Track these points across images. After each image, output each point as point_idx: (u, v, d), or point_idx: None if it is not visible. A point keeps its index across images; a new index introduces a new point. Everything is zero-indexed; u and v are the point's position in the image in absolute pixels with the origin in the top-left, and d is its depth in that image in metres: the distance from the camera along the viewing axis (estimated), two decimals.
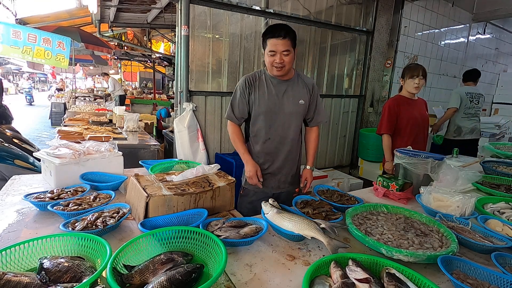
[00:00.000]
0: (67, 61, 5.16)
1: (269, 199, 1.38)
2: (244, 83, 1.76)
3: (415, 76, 2.48)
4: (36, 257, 0.96)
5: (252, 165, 1.72)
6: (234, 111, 1.80)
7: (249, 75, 1.79)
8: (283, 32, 1.59)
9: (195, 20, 3.20)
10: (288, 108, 1.77)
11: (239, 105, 1.78)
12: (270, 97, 1.75)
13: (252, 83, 1.76)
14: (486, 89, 6.46)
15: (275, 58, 1.63)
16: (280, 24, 1.64)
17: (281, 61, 1.63)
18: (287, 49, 1.61)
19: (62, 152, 1.70)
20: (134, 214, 1.37)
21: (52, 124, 9.10)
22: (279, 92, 1.76)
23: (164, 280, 0.84)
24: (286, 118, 1.78)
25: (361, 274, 0.91)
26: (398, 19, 4.46)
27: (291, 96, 1.77)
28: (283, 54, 1.62)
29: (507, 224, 1.34)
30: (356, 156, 4.77)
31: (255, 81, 1.76)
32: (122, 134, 3.64)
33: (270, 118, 1.77)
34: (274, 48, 1.61)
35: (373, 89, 4.70)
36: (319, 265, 0.96)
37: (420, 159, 1.78)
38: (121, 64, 14.38)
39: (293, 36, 1.63)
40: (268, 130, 1.79)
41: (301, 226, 1.14)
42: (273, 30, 1.61)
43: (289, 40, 1.60)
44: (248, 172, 1.73)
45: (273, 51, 1.62)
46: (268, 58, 1.66)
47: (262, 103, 1.75)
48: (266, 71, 1.79)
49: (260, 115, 1.78)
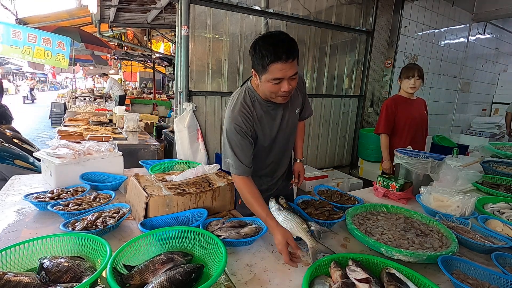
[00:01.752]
0: (67, 61, 5.16)
1: (280, 197, 1.37)
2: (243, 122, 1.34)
3: (411, 77, 2.48)
4: (36, 257, 0.96)
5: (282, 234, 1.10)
6: (243, 159, 1.33)
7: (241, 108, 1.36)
8: (290, 52, 1.16)
9: (195, 20, 3.20)
10: (286, 125, 1.52)
11: (245, 150, 1.35)
12: (270, 126, 1.45)
13: (251, 118, 1.37)
14: (486, 89, 6.46)
15: (281, 87, 1.23)
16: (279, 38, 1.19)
17: (290, 88, 1.23)
18: (295, 73, 1.22)
19: (62, 152, 1.70)
20: (134, 214, 1.37)
21: (52, 124, 9.10)
22: (276, 116, 1.45)
23: (164, 280, 0.84)
24: (286, 136, 1.56)
25: (361, 274, 0.90)
26: (398, 19, 4.46)
27: (288, 112, 1.49)
28: (291, 79, 1.22)
29: (507, 224, 1.34)
30: (356, 156, 4.77)
31: (252, 113, 1.38)
32: (122, 134, 3.64)
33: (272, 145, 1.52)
34: (280, 75, 1.19)
35: (373, 89, 4.70)
36: (319, 265, 0.96)
37: (420, 159, 1.78)
38: (121, 64, 14.37)
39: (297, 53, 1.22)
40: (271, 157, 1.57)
41: (291, 225, 1.15)
42: (276, 50, 1.16)
43: (295, 58, 1.20)
44: (278, 245, 1.10)
45: (279, 78, 1.20)
46: (270, 87, 1.24)
47: (265, 134, 1.45)
48: (256, 94, 1.39)
49: (262, 146, 1.49)
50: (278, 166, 1.68)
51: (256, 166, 1.47)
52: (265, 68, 1.20)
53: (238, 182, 1.34)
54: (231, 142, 1.34)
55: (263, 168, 1.60)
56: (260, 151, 1.50)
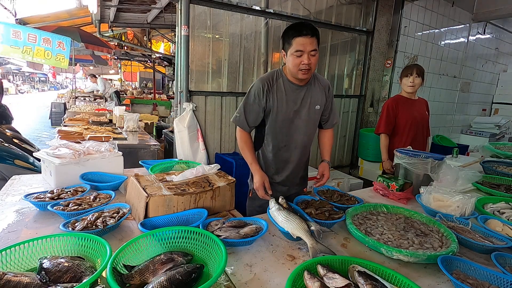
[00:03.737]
0: (67, 61, 5.16)
1: (280, 196, 1.37)
2: (261, 87, 1.58)
3: (409, 75, 2.48)
4: (36, 257, 0.96)
5: (260, 176, 1.56)
6: (247, 117, 1.63)
7: (266, 77, 1.61)
8: (310, 30, 1.44)
9: (195, 20, 3.20)
10: (305, 115, 1.66)
11: (253, 111, 1.62)
12: (288, 105, 1.61)
13: (270, 89, 1.59)
14: (486, 89, 6.46)
15: (302, 59, 1.46)
16: (305, 22, 1.49)
17: (309, 62, 1.47)
18: (314, 49, 1.46)
19: (62, 152, 1.70)
20: (134, 214, 1.37)
21: (52, 124, 9.10)
22: (297, 99, 1.62)
23: (164, 280, 0.84)
24: (302, 125, 1.67)
25: (340, 281, 0.87)
26: (398, 19, 4.46)
27: (308, 103, 1.64)
28: (310, 55, 1.46)
29: (507, 224, 1.34)
30: (356, 156, 4.77)
31: (273, 85, 1.60)
32: (122, 134, 3.64)
33: (287, 126, 1.66)
34: (301, 48, 1.45)
35: (373, 89, 4.70)
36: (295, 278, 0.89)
37: (420, 159, 1.78)
38: (121, 64, 14.38)
39: (318, 34, 1.49)
40: (284, 138, 1.69)
41: (291, 225, 1.15)
42: (300, 27, 1.45)
43: (316, 39, 1.47)
44: (255, 183, 1.57)
45: (300, 51, 1.45)
46: (293, 59, 1.48)
47: (280, 111, 1.62)
48: (283, 74, 1.63)
49: (277, 123, 1.65)
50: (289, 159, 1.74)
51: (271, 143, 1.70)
52: (290, 43, 1.48)
53: (238, 132, 1.68)
54: (245, 100, 1.63)
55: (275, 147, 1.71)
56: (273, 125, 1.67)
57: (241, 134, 1.67)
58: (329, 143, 1.85)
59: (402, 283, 0.89)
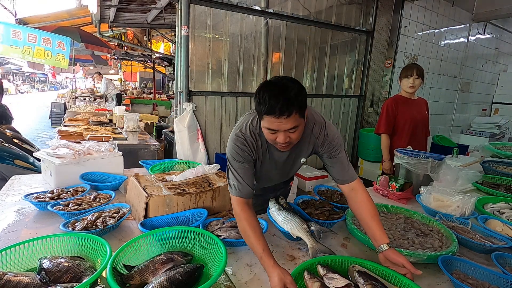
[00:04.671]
0: (67, 61, 5.16)
1: (280, 197, 1.37)
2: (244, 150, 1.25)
3: (409, 76, 2.49)
4: (36, 257, 0.96)
5: (279, 277, 0.93)
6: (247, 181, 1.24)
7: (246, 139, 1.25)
8: (290, 107, 1.04)
9: (195, 20, 3.20)
10: (288, 169, 1.48)
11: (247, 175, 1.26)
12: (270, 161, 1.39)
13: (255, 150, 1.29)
14: (486, 89, 6.46)
15: (276, 137, 1.14)
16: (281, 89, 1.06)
17: (286, 140, 1.13)
18: (294, 126, 1.10)
19: (62, 152, 1.70)
20: (134, 214, 1.37)
21: (52, 124, 9.10)
22: (280, 157, 1.38)
23: (164, 280, 0.84)
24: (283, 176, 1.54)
25: (340, 281, 0.86)
26: (398, 19, 4.46)
27: (292, 158, 1.41)
28: (288, 132, 1.11)
29: (507, 224, 1.34)
30: (356, 156, 4.76)
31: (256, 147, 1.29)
32: (122, 134, 3.63)
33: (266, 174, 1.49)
34: (275, 127, 1.10)
35: (373, 89, 4.70)
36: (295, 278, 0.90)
37: (420, 159, 1.78)
38: (121, 64, 14.37)
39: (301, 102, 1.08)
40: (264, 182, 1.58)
41: (291, 225, 1.15)
42: (270, 103, 1.05)
43: (297, 113, 1.07)
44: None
45: (270, 129, 1.12)
46: (267, 134, 1.16)
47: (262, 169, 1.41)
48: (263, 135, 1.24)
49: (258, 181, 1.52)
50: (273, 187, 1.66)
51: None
52: (261, 117, 1.12)
53: (234, 205, 1.21)
54: (234, 165, 1.26)
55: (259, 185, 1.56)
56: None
57: (240, 206, 1.19)
58: (372, 214, 1.17)
59: (402, 283, 0.90)
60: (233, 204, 1.23)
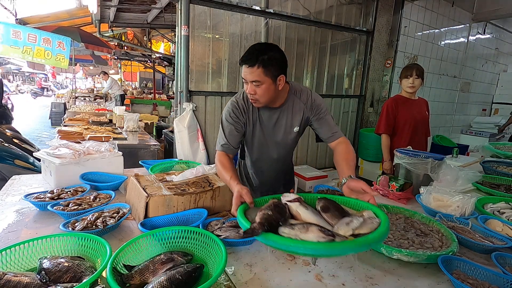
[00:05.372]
0: (67, 61, 5.17)
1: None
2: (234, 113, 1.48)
3: (409, 76, 2.49)
4: (36, 257, 0.96)
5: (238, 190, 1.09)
6: (231, 141, 1.46)
7: (238, 101, 1.49)
8: (250, 59, 1.27)
9: (195, 20, 3.20)
10: (281, 139, 1.58)
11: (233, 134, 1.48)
12: (261, 128, 1.54)
13: (244, 112, 1.49)
14: (486, 89, 6.46)
15: (247, 87, 1.34)
16: (258, 46, 1.31)
17: (252, 92, 1.33)
18: (256, 80, 1.29)
19: (62, 152, 1.70)
20: (134, 214, 1.37)
21: (52, 124, 9.09)
22: (270, 122, 1.52)
23: (164, 280, 0.84)
24: (279, 148, 1.62)
25: (292, 196, 0.99)
26: (398, 19, 4.46)
27: (283, 126, 1.53)
28: (253, 84, 1.31)
29: (507, 224, 1.34)
30: (356, 156, 4.77)
31: (246, 109, 1.50)
32: (122, 134, 3.64)
33: (262, 148, 1.62)
34: (244, 77, 1.33)
35: (373, 89, 4.70)
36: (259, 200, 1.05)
37: (420, 159, 1.78)
38: (121, 64, 14.37)
39: (268, 62, 1.27)
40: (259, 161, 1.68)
41: None
42: (246, 53, 1.30)
43: (261, 67, 1.26)
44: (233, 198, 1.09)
45: (243, 79, 1.34)
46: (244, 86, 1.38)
47: (255, 134, 1.56)
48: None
49: (253, 144, 1.62)
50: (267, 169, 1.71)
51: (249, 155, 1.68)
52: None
53: (216, 158, 1.44)
54: (223, 126, 1.49)
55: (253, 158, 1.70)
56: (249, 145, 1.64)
57: (218, 156, 1.44)
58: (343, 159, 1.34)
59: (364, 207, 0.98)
60: (216, 158, 1.44)
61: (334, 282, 0.98)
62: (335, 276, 1.01)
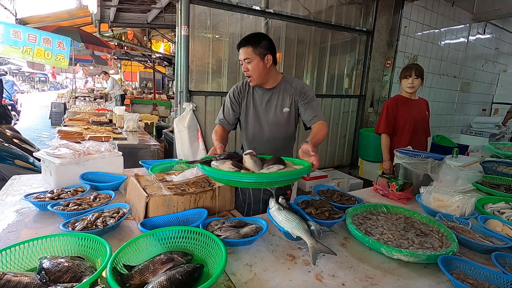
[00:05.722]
0: (67, 61, 5.16)
1: (280, 196, 1.37)
2: (235, 92, 1.82)
3: (408, 76, 2.49)
4: (36, 257, 0.96)
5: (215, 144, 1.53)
6: (227, 118, 1.84)
7: (238, 84, 1.84)
8: (243, 41, 1.64)
9: (195, 20, 3.20)
10: (272, 118, 1.78)
11: (230, 113, 1.84)
12: (254, 107, 1.80)
13: (242, 93, 1.82)
14: (486, 89, 6.46)
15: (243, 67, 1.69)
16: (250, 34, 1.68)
17: (245, 69, 1.66)
18: (246, 57, 1.63)
19: (62, 152, 1.70)
20: (134, 214, 1.37)
21: (52, 124, 9.10)
22: (262, 102, 1.78)
23: (164, 280, 0.84)
24: (270, 127, 1.80)
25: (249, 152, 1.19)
26: (398, 19, 4.46)
27: (274, 105, 1.77)
28: (246, 62, 1.65)
29: (507, 224, 1.34)
30: (356, 156, 4.77)
31: (244, 90, 1.82)
32: (122, 134, 3.64)
33: (255, 127, 1.83)
34: (239, 58, 1.67)
35: (373, 89, 4.70)
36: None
37: (420, 159, 1.78)
38: (121, 64, 14.37)
39: (256, 43, 1.61)
40: (253, 138, 1.86)
41: (291, 225, 1.14)
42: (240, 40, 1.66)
43: (250, 47, 1.61)
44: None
45: (240, 61, 1.69)
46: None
47: (248, 113, 1.82)
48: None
49: (248, 124, 1.85)
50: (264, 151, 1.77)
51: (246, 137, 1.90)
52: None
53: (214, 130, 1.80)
54: (223, 104, 1.86)
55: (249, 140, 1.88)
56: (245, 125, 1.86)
57: (217, 127, 1.82)
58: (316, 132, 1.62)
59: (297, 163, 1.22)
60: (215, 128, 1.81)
61: (334, 282, 0.98)
62: (335, 276, 1.01)
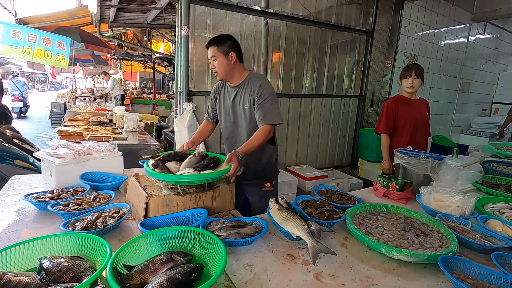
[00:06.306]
0: (67, 61, 5.16)
1: (280, 196, 1.38)
2: (214, 91, 2.03)
3: (408, 76, 2.49)
4: (36, 257, 0.96)
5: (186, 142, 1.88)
6: (209, 113, 2.10)
7: (218, 83, 2.02)
8: (210, 42, 1.81)
9: (195, 20, 3.20)
10: (237, 114, 1.91)
11: (211, 109, 2.07)
12: (225, 104, 1.96)
13: (217, 91, 2.01)
14: (486, 89, 6.46)
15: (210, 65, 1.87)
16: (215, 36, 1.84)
17: (212, 66, 1.84)
18: (212, 55, 1.81)
19: (62, 152, 1.70)
20: (134, 214, 1.37)
21: (52, 124, 9.10)
22: (230, 98, 1.92)
23: (164, 280, 0.84)
24: (237, 122, 1.92)
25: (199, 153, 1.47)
26: (398, 19, 4.46)
27: (238, 102, 1.89)
28: (212, 60, 1.82)
29: (507, 224, 1.34)
30: (356, 156, 4.77)
31: (221, 89, 1.99)
32: (122, 134, 3.64)
33: (226, 122, 1.98)
34: (208, 56, 1.86)
35: (373, 89, 4.70)
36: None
37: (420, 159, 1.78)
38: (121, 64, 14.37)
39: (221, 42, 1.78)
40: (226, 131, 2.01)
41: (291, 225, 1.15)
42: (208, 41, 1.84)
43: (215, 46, 1.78)
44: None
45: (208, 58, 1.87)
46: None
47: (221, 109, 1.99)
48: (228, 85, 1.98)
49: (221, 118, 2.02)
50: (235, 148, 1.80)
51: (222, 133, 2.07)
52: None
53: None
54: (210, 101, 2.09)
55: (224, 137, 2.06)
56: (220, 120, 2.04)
57: (203, 122, 2.14)
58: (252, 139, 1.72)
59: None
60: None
61: (334, 282, 0.98)
62: (335, 276, 1.01)
